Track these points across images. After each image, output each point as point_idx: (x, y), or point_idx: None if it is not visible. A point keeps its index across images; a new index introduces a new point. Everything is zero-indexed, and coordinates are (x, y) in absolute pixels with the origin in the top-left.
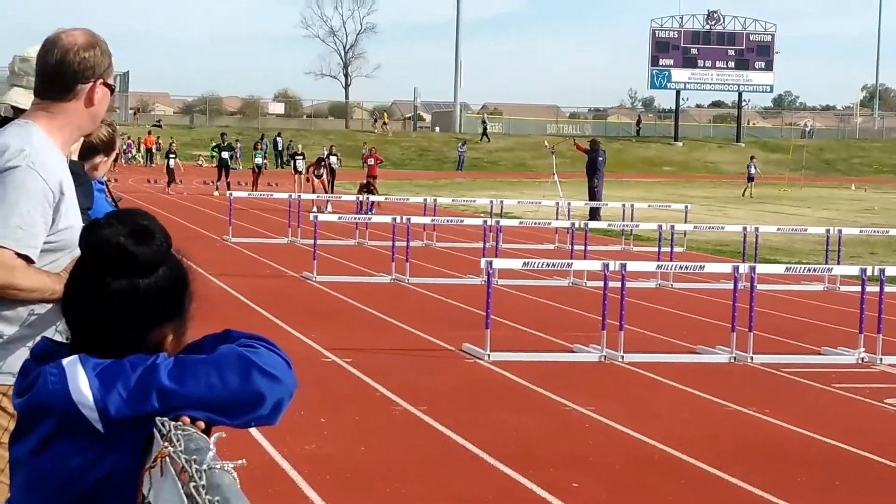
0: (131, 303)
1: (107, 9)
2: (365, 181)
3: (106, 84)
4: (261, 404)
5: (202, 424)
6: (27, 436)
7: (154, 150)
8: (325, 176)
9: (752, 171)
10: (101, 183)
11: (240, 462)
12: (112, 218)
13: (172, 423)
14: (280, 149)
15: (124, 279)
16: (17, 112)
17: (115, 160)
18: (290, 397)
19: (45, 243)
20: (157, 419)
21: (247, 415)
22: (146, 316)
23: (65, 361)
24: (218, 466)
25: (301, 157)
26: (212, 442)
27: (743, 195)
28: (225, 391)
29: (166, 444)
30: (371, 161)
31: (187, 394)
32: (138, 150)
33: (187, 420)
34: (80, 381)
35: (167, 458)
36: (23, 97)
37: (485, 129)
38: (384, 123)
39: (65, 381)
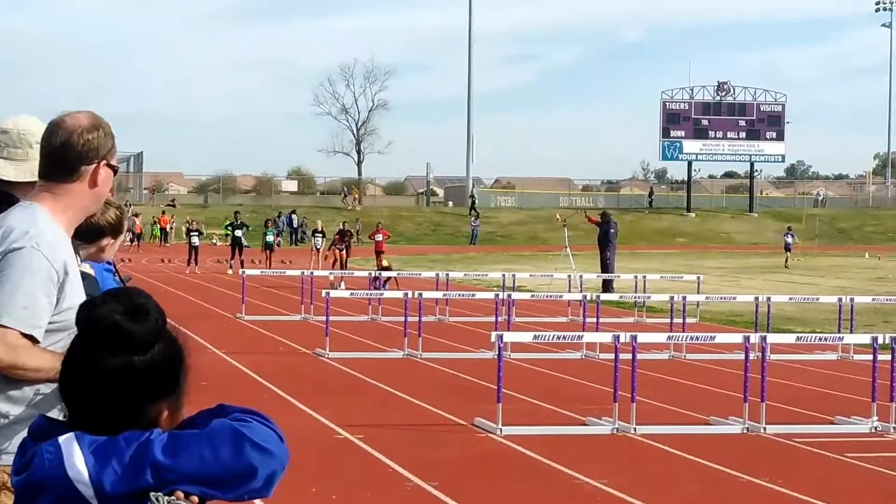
0: (127, 380)
1: (119, 90)
2: (377, 260)
3: (109, 165)
4: (253, 477)
5: (196, 499)
6: None
7: (168, 230)
8: (345, 250)
9: (790, 240)
10: (110, 264)
11: None
12: (107, 296)
13: (166, 497)
14: (295, 226)
15: (120, 357)
16: (1, 183)
17: (133, 241)
18: (282, 469)
19: (49, 323)
20: (152, 494)
21: (240, 488)
22: (142, 393)
23: (61, 439)
24: None
25: (321, 235)
26: None
27: (786, 265)
28: (218, 465)
29: None
30: (379, 237)
31: (181, 468)
32: (153, 230)
33: (181, 495)
34: (75, 457)
35: None
36: (5, 168)
37: (473, 202)
38: (355, 198)
39: (60, 458)
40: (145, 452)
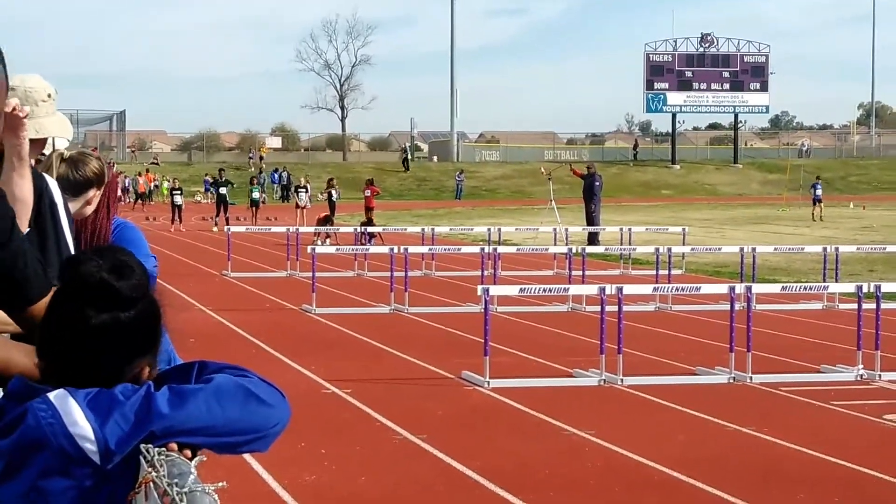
0: (113, 336)
1: (103, 48)
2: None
3: None
4: (258, 431)
5: (189, 453)
6: (16, 476)
7: (153, 188)
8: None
9: (818, 192)
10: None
11: (220, 484)
12: (92, 253)
13: (156, 449)
14: (280, 182)
15: (106, 313)
16: None
17: (138, 200)
18: (285, 424)
19: None
20: (142, 446)
21: (244, 442)
22: (126, 349)
23: (52, 395)
24: (199, 489)
25: (304, 191)
26: (193, 465)
27: (813, 219)
28: (225, 419)
29: (150, 469)
30: (367, 192)
31: (188, 422)
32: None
33: (174, 447)
34: (75, 414)
35: (151, 483)
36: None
37: (405, 158)
38: (261, 157)
39: (58, 415)
40: (150, 406)
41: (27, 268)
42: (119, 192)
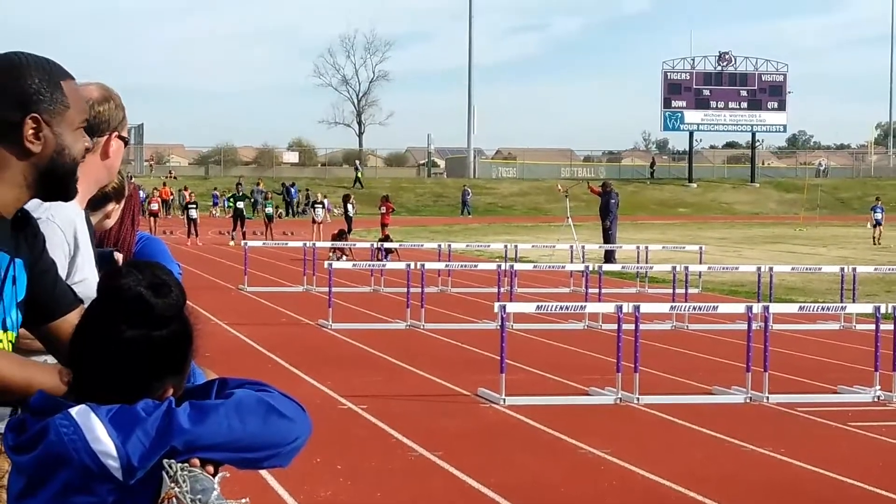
0: (141, 354)
1: (120, 61)
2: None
3: (120, 137)
4: (280, 445)
5: (211, 469)
6: (38, 492)
7: (170, 202)
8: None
9: (878, 215)
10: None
11: (243, 501)
12: (132, 268)
13: (179, 464)
14: (295, 198)
15: (138, 329)
16: None
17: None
18: (306, 439)
19: None
20: (165, 461)
21: (266, 457)
22: (154, 368)
23: (73, 411)
24: None
25: (321, 206)
26: (216, 481)
27: (874, 242)
28: (246, 434)
29: (173, 484)
30: (383, 209)
31: (209, 437)
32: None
33: (197, 462)
34: (97, 430)
35: (174, 499)
36: None
37: (357, 176)
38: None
39: (80, 431)
40: (171, 422)
41: (56, 284)
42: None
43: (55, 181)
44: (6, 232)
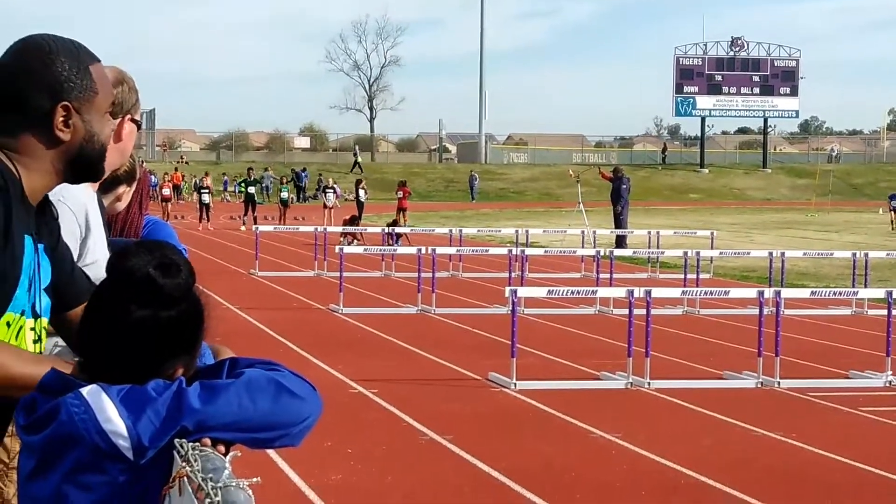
0: (151, 333)
1: (133, 46)
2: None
3: (133, 120)
4: (291, 424)
5: (222, 448)
6: (49, 471)
7: (182, 187)
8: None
9: None
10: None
11: (254, 479)
12: (142, 248)
13: (190, 444)
14: (303, 183)
15: (146, 309)
16: None
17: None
18: (317, 418)
19: None
20: (176, 441)
21: (277, 437)
22: (163, 348)
23: (84, 391)
24: (233, 484)
25: (332, 191)
26: (227, 461)
27: (892, 228)
28: (257, 413)
29: (184, 464)
30: (400, 194)
31: (220, 417)
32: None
33: (208, 442)
34: (108, 410)
35: (185, 478)
36: None
37: (356, 161)
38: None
39: (90, 410)
40: (181, 402)
41: (73, 270)
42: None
43: (84, 167)
44: (32, 218)
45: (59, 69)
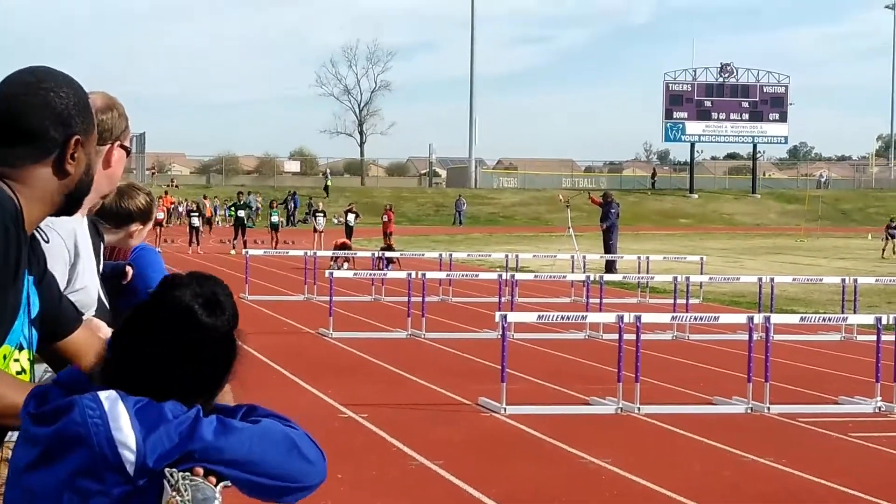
0: (179, 367)
1: (122, 70)
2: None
3: (122, 146)
4: (293, 482)
5: (213, 479)
6: (51, 466)
7: (171, 211)
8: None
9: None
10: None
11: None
12: (194, 279)
13: (181, 473)
14: (294, 207)
15: (181, 343)
16: None
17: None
18: (317, 487)
19: None
20: (166, 470)
21: (275, 488)
22: (187, 381)
23: (102, 395)
24: None
25: (322, 215)
26: (218, 490)
27: (883, 255)
28: (263, 462)
29: (174, 493)
30: (386, 218)
31: (229, 454)
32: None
33: (200, 471)
34: (122, 419)
35: None
36: None
37: (326, 185)
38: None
39: (105, 416)
40: (195, 432)
41: (61, 302)
42: None
43: (76, 200)
44: (26, 250)
45: (70, 102)
